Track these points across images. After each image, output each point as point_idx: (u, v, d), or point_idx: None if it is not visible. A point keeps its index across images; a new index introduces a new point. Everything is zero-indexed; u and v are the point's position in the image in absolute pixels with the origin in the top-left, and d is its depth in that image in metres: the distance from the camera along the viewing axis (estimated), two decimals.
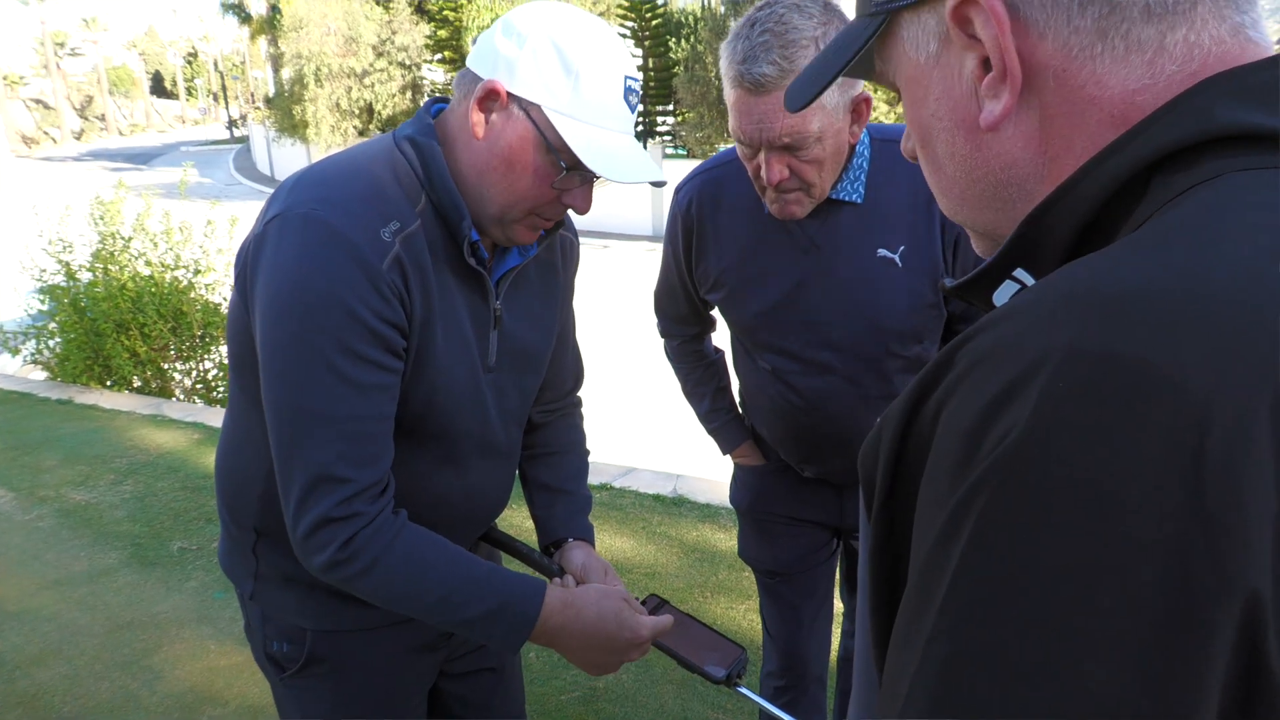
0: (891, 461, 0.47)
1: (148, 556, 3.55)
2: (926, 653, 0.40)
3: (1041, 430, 0.38)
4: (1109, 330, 0.38)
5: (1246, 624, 0.34)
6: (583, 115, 1.09)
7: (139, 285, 5.76)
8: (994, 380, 0.40)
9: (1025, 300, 0.44)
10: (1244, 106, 0.45)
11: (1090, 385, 0.37)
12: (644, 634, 1.26)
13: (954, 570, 0.39)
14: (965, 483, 0.40)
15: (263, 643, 1.33)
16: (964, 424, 0.41)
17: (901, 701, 0.41)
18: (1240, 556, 0.34)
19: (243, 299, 1.14)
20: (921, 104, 0.57)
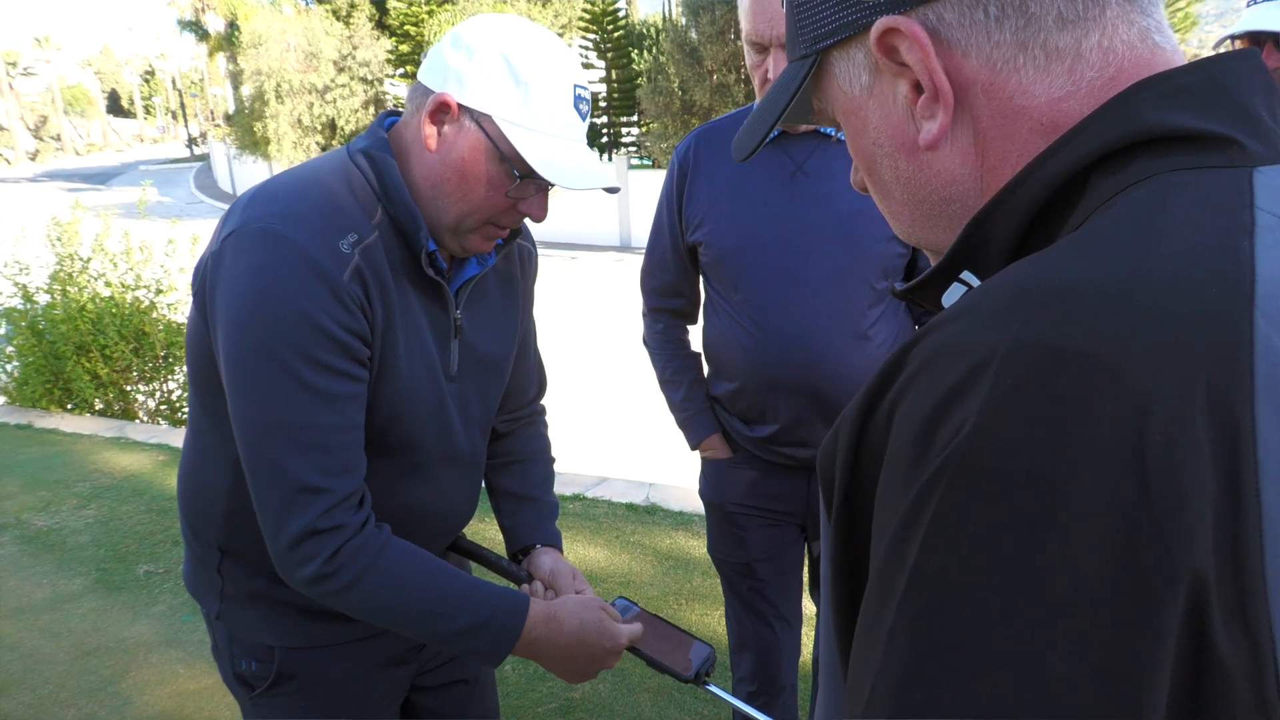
0: (849, 462, 0.48)
1: (113, 581, 3.49)
2: (889, 648, 0.40)
3: (991, 424, 0.39)
4: (1052, 325, 0.40)
5: (1192, 605, 0.36)
6: (533, 124, 1.10)
7: (99, 306, 5.66)
8: (945, 378, 0.42)
9: (971, 300, 0.45)
10: (1171, 109, 0.47)
11: (1036, 379, 0.38)
12: (623, 641, 1.27)
13: (912, 565, 0.40)
14: (920, 479, 0.41)
15: (230, 662, 1.31)
16: (917, 422, 0.42)
17: (866, 696, 0.41)
18: (1184, 541, 0.35)
19: (202, 316, 1.13)
20: (862, 134, 0.59)
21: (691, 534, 3.73)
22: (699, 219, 1.73)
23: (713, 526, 1.95)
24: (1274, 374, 0.37)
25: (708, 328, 1.82)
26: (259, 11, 25.38)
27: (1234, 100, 0.48)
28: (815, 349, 1.65)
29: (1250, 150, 0.46)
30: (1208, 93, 0.48)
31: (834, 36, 0.56)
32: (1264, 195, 0.44)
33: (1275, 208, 0.43)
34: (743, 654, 1.96)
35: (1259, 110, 0.48)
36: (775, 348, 1.67)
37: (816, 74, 0.60)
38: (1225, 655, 0.36)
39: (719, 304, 1.76)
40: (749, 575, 1.89)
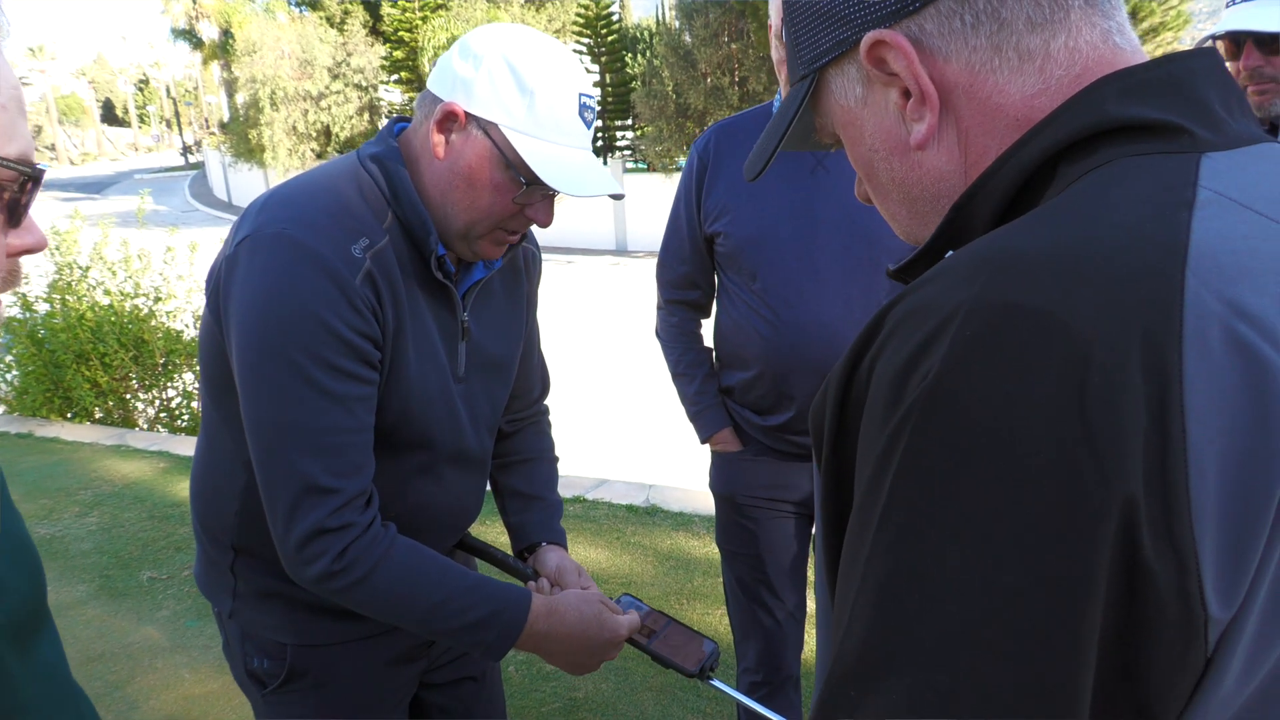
0: (836, 415, 0.53)
1: (117, 588, 3.51)
2: (866, 572, 0.46)
3: (953, 371, 0.44)
4: (1008, 285, 0.45)
5: (1124, 524, 0.41)
6: (539, 132, 1.13)
7: (98, 315, 5.68)
8: (916, 334, 0.47)
9: (941, 267, 0.50)
10: (1131, 102, 0.52)
11: (993, 330, 0.44)
12: (622, 633, 1.29)
13: (885, 499, 0.46)
14: (892, 422, 0.46)
15: (243, 660, 1.34)
16: (891, 372, 0.47)
17: (848, 616, 0.47)
18: (1118, 468, 0.41)
19: (216, 320, 1.16)
20: (859, 142, 0.64)
21: (692, 534, 3.75)
22: (719, 210, 1.78)
23: (722, 518, 1.98)
24: (1201, 324, 0.42)
25: (722, 317, 1.86)
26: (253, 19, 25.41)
27: (1189, 93, 0.52)
28: (832, 336, 1.70)
29: (1201, 138, 0.51)
30: (1165, 87, 0.52)
31: (828, 55, 0.61)
32: (1209, 176, 0.48)
33: (1217, 186, 0.48)
34: (747, 644, 1.98)
35: (1212, 103, 0.53)
36: (793, 334, 1.72)
37: (815, 93, 0.65)
38: (1154, 568, 0.41)
39: (735, 294, 1.80)
40: (757, 567, 1.92)
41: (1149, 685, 0.43)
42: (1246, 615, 0.43)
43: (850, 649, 0.46)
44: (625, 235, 17.36)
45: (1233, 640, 0.43)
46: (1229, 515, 0.41)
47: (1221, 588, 0.42)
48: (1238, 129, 0.52)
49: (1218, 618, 0.42)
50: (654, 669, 2.81)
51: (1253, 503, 0.42)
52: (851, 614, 0.46)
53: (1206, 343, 0.42)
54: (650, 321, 2.17)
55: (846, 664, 0.46)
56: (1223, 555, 0.41)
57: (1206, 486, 0.41)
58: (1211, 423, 0.41)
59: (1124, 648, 0.42)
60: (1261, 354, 0.42)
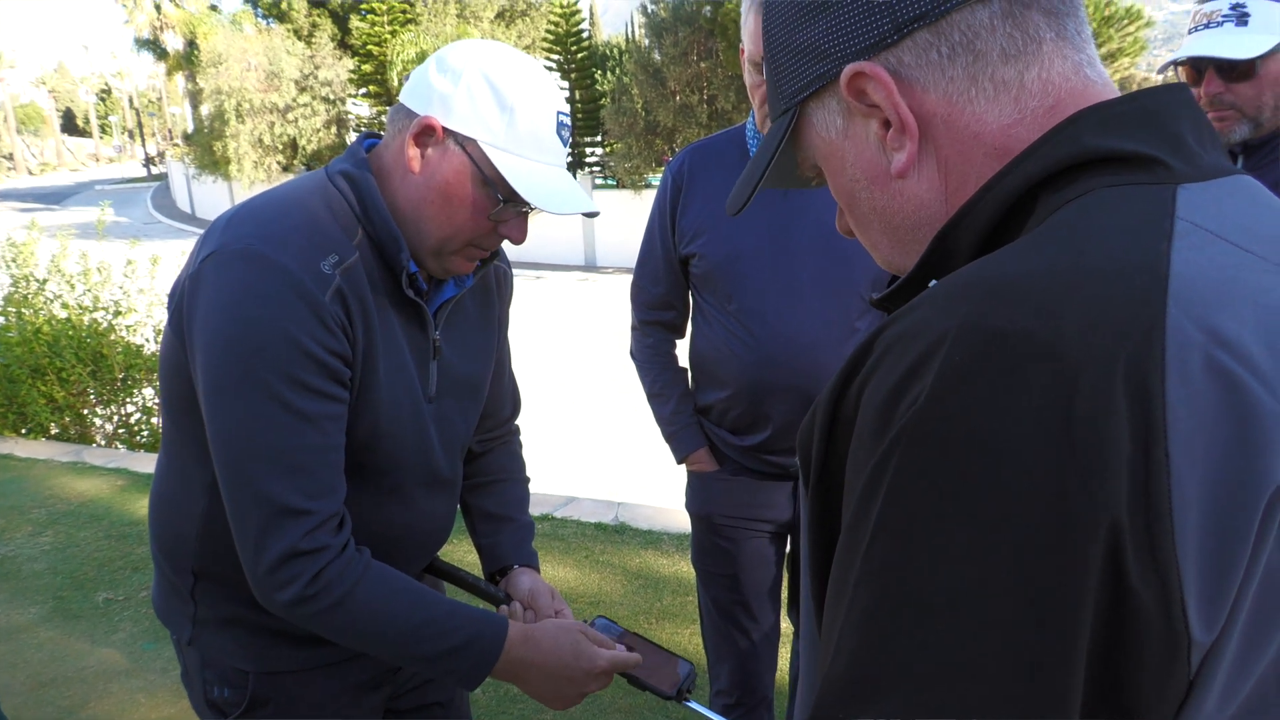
0: (824, 439, 0.54)
1: (71, 609, 3.41)
2: (855, 594, 0.46)
3: (942, 395, 0.44)
4: (996, 310, 0.45)
5: (1110, 547, 0.41)
6: (517, 149, 1.12)
7: (55, 329, 5.55)
8: (905, 359, 0.47)
9: (928, 294, 0.51)
10: (1108, 134, 0.53)
11: (981, 356, 0.44)
12: (601, 664, 1.26)
13: (874, 522, 0.46)
14: (881, 445, 0.46)
15: (202, 689, 1.29)
16: (880, 397, 0.48)
17: (836, 638, 0.47)
18: (1104, 492, 0.41)
19: (178, 338, 1.12)
20: (841, 173, 0.65)
21: (660, 553, 3.73)
22: (694, 231, 1.78)
23: (698, 538, 1.97)
24: (1182, 352, 0.43)
25: (698, 338, 1.86)
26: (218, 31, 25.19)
27: (1164, 127, 0.54)
28: (808, 355, 1.70)
29: (1176, 169, 0.52)
30: (1141, 120, 0.54)
31: (809, 89, 0.63)
32: (1185, 207, 0.50)
33: (1193, 217, 0.49)
34: (721, 665, 1.97)
35: (1186, 136, 0.54)
36: (769, 354, 1.72)
37: (796, 127, 0.66)
38: (1138, 591, 0.42)
39: (711, 314, 1.80)
40: (732, 587, 1.91)
41: (1134, 708, 0.44)
42: (1228, 638, 0.44)
43: (839, 671, 0.46)
44: (594, 251, 17.37)
45: (1214, 663, 0.44)
46: (1211, 539, 0.42)
47: (1204, 611, 0.43)
48: (1210, 161, 0.54)
49: (1200, 640, 0.43)
50: (623, 690, 2.78)
51: (1233, 526, 0.42)
52: (840, 636, 0.47)
53: (1188, 370, 0.42)
54: (620, 338, 2.16)
55: (835, 686, 0.46)
56: (1205, 578, 0.42)
57: (1189, 510, 0.42)
58: (1193, 448, 0.42)
59: (1110, 669, 0.43)
60: (1241, 381, 0.43)
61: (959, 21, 0.56)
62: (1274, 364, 0.44)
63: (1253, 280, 0.47)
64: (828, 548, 0.55)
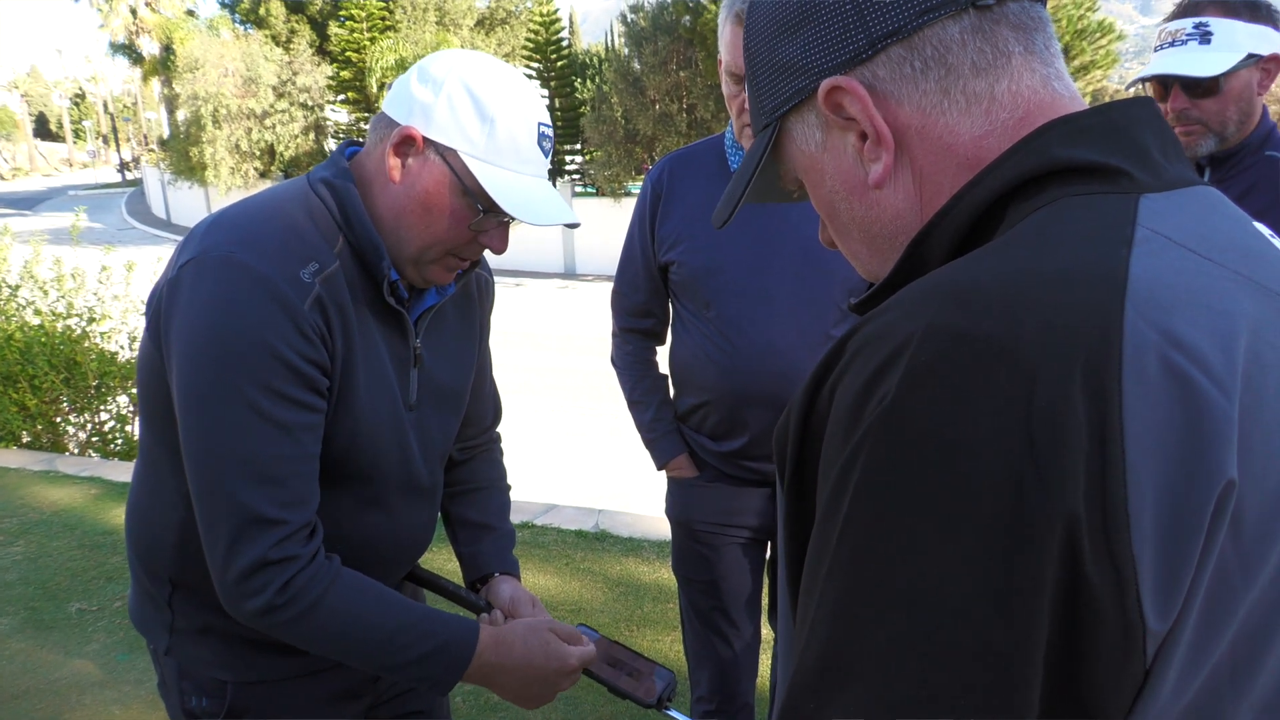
0: (798, 438, 0.56)
1: (43, 620, 3.36)
2: (825, 588, 0.48)
3: (907, 394, 0.46)
4: (959, 313, 0.47)
5: (1067, 539, 0.43)
6: (498, 160, 1.12)
7: (28, 335, 5.48)
8: (873, 360, 0.49)
9: (897, 298, 0.53)
10: (1075, 146, 0.55)
11: (944, 357, 0.46)
12: (572, 663, 1.27)
13: (844, 517, 0.48)
14: (850, 443, 0.48)
15: (179, 699, 1.28)
16: (850, 397, 0.50)
17: (808, 630, 0.49)
18: (1061, 487, 0.43)
19: (156, 345, 1.12)
20: (820, 185, 0.67)
21: (641, 560, 3.73)
22: (673, 239, 1.79)
23: (678, 544, 1.97)
24: (1139, 353, 0.45)
25: (677, 345, 1.87)
26: (195, 36, 24.99)
27: (1128, 139, 0.56)
28: (784, 362, 1.71)
29: (1140, 180, 0.54)
30: (1106, 132, 0.56)
31: (788, 104, 0.65)
32: (1146, 216, 0.52)
33: (1154, 225, 0.51)
34: (701, 672, 1.97)
35: (1150, 148, 0.56)
36: (746, 361, 1.73)
37: (777, 141, 0.68)
38: (1094, 581, 0.43)
39: (690, 322, 1.82)
40: (712, 593, 1.92)
41: (1091, 696, 0.46)
42: (1182, 628, 0.45)
43: (810, 662, 0.48)
44: (574, 259, 17.36)
45: (1169, 652, 0.45)
46: (1165, 531, 0.44)
47: (1159, 601, 0.44)
48: (1174, 172, 0.56)
49: (1155, 630, 0.44)
50: (603, 699, 2.77)
51: (1187, 520, 0.44)
52: (811, 628, 0.48)
53: (1144, 370, 0.44)
54: (600, 345, 2.17)
55: (805, 677, 0.48)
56: (1160, 570, 0.44)
57: (1144, 505, 0.43)
58: (1148, 445, 0.44)
59: (1067, 658, 0.44)
60: (1195, 381, 0.45)
61: (931, 37, 0.58)
62: (1227, 365, 0.46)
63: (1209, 285, 0.49)
64: (802, 543, 0.56)
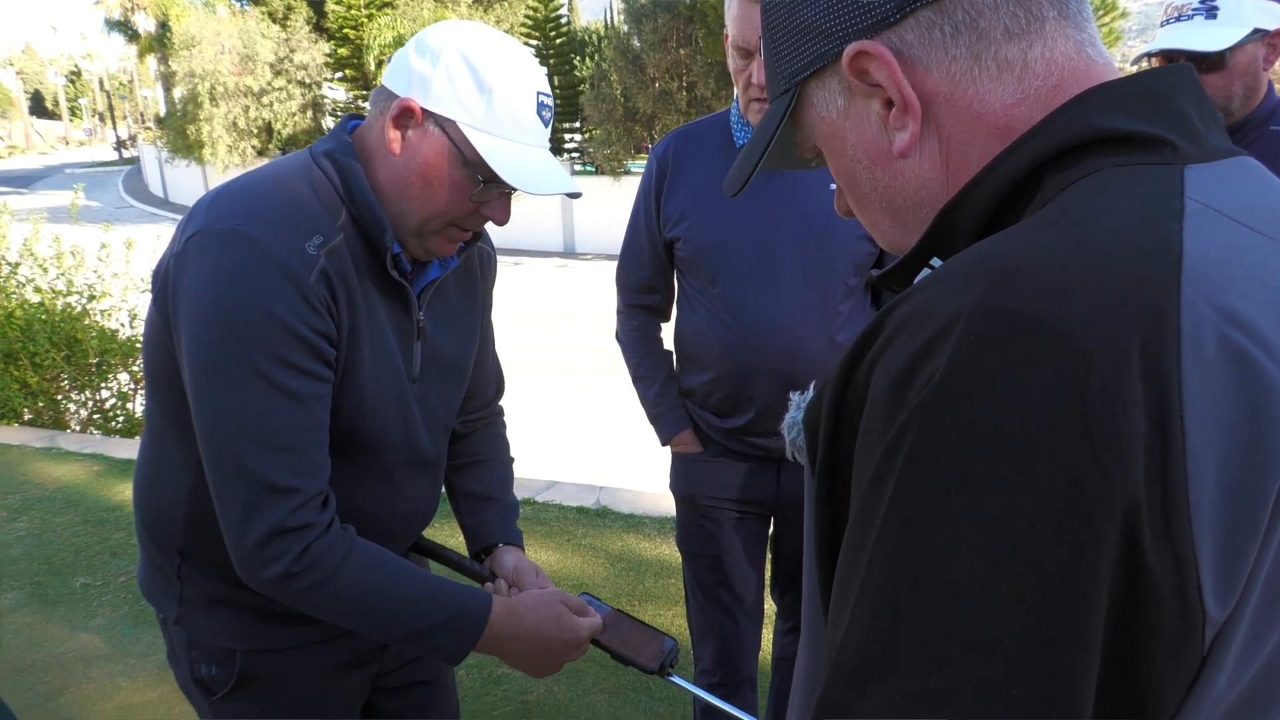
0: (832, 418, 0.54)
1: (48, 595, 3.39)
2: (867, 574, 0.46)
3: (957, 375, 0.44)
4: (1010, 292, 0.45)
5: (1127, 527, 0.42)
6: (497, 130, 1.12)
7: (28, 313, 5.48)
8: (917, 338, 0.47)
9: (940, 272, 0.51)
10: (1114, 114, 0.53)
11: (995, 336, 0.44)
12: (583, 634, 1.29)
13: (887, 503, 0.46)
14: (894, 426, 0.46)
15: (189, 668, 1.30)
16: (892, 375, 0.47)
17: (847, 619, 0.47)
18: (1120, 473, 0.41)
19: (163, 319, 1.12)
20: (841, 153, 0.64)
21: (642, 536, 3.75)
22: (678, 215, 1.79)
23: (682, 519, 1.99)
24: (1197, 332, 0.43)
25: (682, 321, 1.87)
26: (191, 12, 24.74)
27: (1169, 107, 0.54)
28: (790, 340, 1.72)
29: (1183, 150, 0.52)
30: (1146, 100, 0.54)
31: (810, 69, 0.62)
32: (1193, 187, 0.50)
33: (1202, 197, 0.49)
34: (705, 645, 1.99)
35: (1191, 116, 0.54)
36: (752, 338, 1.73)
37: (796, 107, 0.65)
38: (1154, 569, 0.42)
39: (695, 298, 1.82)
40: (716, 568, 1.93)
41: (1148, 685, 0.44)
42: (1241, 615, 0.44)
43: (850, 651, 0.46)
44: (573, 237, 17.31)
45: (1227, 640, 0.44)
46: (1226, 517, 0.42)
47: (1218, 588, 0.43)
48: (1215, 142, 0.54)
49: (1214, 617, 0.43)
50: (607, 671, 2.80)
51: (1248, 504, 0.43)
52: (851, 616, 0.46)
53: (1203, 350, 0.43)
54: (600, 323, 2.18)
55: (845, 666, 0.46)
56: (1220, 556, 0.42)
57: (1204, 489, 0.42)
58: (1209, 427, 0.42)
59: (1124, 647, 0.43)
60: (1255, 360, 0.43)
61: (962, 0, 0.56)
62: None
63: (1262, 260, 0.47)
64: (833, 525, 0.55)
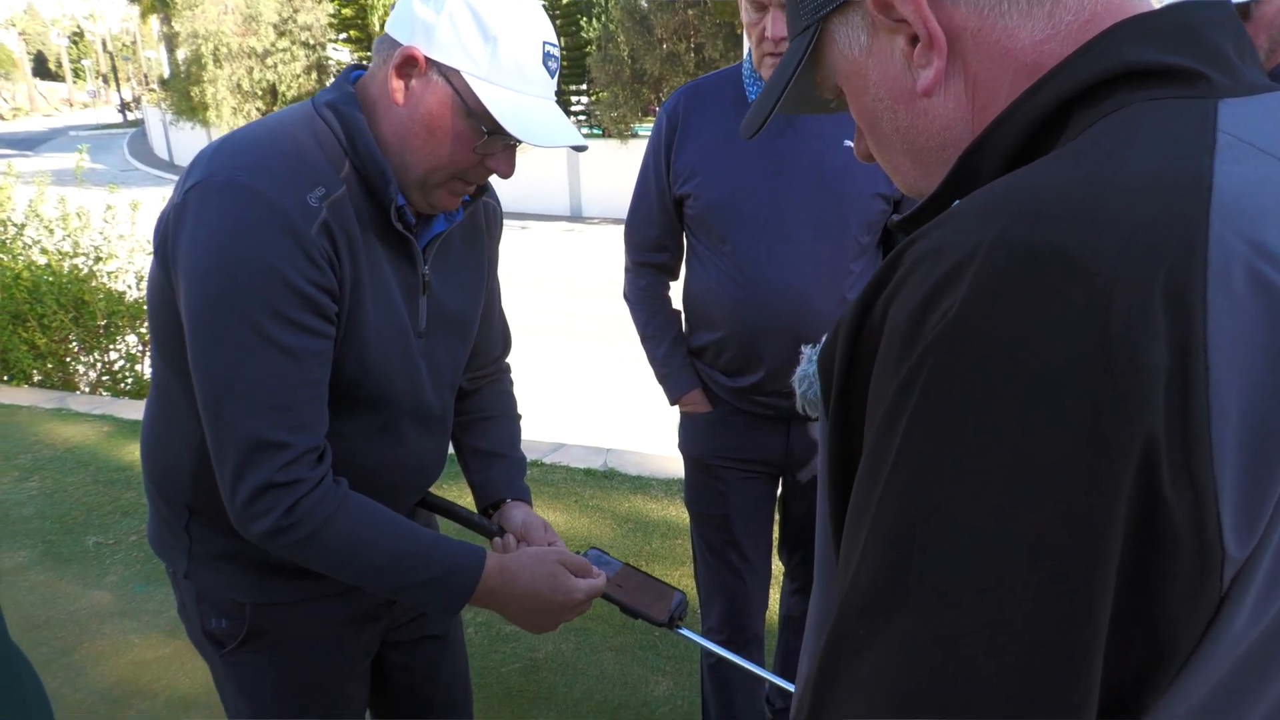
0: (847, 357, 0.53)
1: (61, 553, 3.42)
2: (879, 510, 0.45)
3: (973, 309, 0.43)
4: (1029, 226, 0.44)
5: (1145, 461, 0.41)
6: (502, 80, 1.10)
7: (35, 274, 5.48)
8: (934, 273, 0.46)
9: (959, 208, 0.50)
10: (1146, 47, 0.51)
11: (1015, 270, 0.43)
12: (578, 597, 1.28)
13: (901, 438, 0.45)
14: (909, 360, 0.45)
15: (199, 621, 1.31)
16: (908, 312, 0.47)
17: (858, 555, 0.46)
18: (1139, 406, 0.41)
19: (164, 271, 1.11)
20: (863, 92, 0.62)
21: (649, 497, 3.76)
22: (688, 172, 1.76)
23: (691, 479, 1.98)
24: (1225, 265, 0.42)
25: (692, 280, 1.85)
26: None
27: (1203, 40, 0.52)
28: (801, 298, 1.70)
29: (1217, 83, 0.51)
30: (1179, 33, 0.52)
31: (833, 3, 0.61)
32: (1227, 121, 0.48)
33: (1236, 131, 0.48)
34: (712, 604, 2.00)
35: (1227, 50, 0.52)
36: (762, 296, 1.71)
37: (817, 45, 0.64)
38: (1172, 505, 0.41)
39: (705, 256, 1.79)
40: (724, 528, 1.93)
41: (1162, 624, 0.44)
42: (1261, 555, 0.43)
43: (861, 587, 0.45)
44: (580, 201, 17.21)
45: (1246, 579, 0.43)
46: (1249, 454, 0.41)
47: (1239, 526, 0.42)
48: (1251, 78, 0.52)
49: (1234, 556, 0.42)
50: (614, 629, 2.83)
51: (1273, 441, 0.42)
52: (863, 552, 0.46)
53: (1230, 283, 0.42)
54: (606, 288, 2.16)
55: (856, 601, 0.45)
56: (1242, 494, 0.42)
57: (1228, 424, 0.41)
58: (1234, 362, 0.41)
59: (1139, 586, 0.43)
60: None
61: None
62: None
63: None
64: (846, 465, 0.54)
